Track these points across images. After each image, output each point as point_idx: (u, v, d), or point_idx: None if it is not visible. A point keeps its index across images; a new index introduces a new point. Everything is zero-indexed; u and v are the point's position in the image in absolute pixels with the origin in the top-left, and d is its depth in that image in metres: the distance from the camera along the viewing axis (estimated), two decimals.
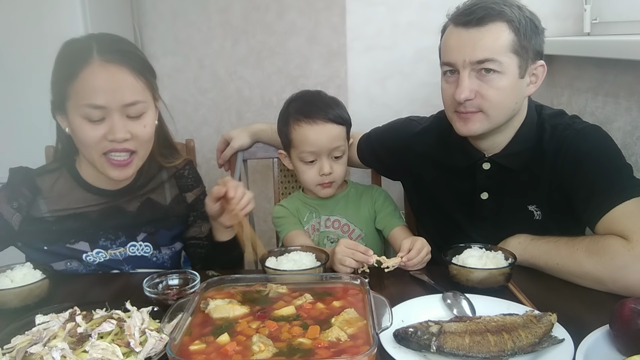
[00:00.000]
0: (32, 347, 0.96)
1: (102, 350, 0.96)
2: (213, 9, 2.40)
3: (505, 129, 1.42)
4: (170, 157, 1.53)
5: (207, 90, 2.48)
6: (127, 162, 1.32)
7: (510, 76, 1.33)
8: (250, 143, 1.92)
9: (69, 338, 0.99)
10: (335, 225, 1.67)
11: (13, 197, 1.38)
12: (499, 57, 1.31)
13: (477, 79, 1.33)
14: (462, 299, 1.14)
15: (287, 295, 1.09)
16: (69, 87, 1.27)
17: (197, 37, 2.43)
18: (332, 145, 1.57)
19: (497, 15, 1.31)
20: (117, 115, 1.27)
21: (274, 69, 2.44)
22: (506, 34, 1.31)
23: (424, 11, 2.31)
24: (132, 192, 1.47)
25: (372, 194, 1.71)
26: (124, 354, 0.96)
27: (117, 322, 1.02)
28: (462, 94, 1.33)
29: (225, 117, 2.50)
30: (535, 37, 1.34)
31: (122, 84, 1.27)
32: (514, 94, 1.35)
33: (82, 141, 1.30)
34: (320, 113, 1.57)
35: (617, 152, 1.35)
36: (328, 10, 2.36)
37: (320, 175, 1.59)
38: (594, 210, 1.28)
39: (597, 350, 0.93)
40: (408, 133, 1.65)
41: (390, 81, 2.39)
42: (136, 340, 0.99)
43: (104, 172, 1.33)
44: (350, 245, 1.34)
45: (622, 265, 1.16)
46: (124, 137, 1.28)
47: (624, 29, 1.92)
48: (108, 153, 1.30)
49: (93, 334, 0.99)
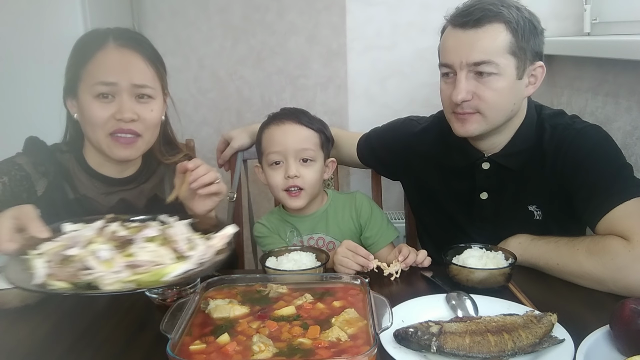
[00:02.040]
0: (69, 250, 0.90)
1: (150, 252, 0.91)
2: (213, 9, 2.40)
3: (505, 129, 1.42)
4: (167, 154, 1.54)
5: (207, 90, 2.48)
6: (132, 141, 1.35)
7: (507, 77, 1.33)
8: (250, 143, 1.92)
9: (111, 242, 0.93)
10: (320, 244, 1.59)
11: (38, 162, 1.38)
12: (495, 59, 1.31)
13: (474, 80, 1.33)
14: (466, 299, 1.13)
15: (288, 295, 1.09)
16: (82, 70, 1.32)
17: (197, 37, 2.43)
18: (299, 146, 1.51)
19: (494, 16, 1.31)
20: (126, 95, 1.32)
21: (274, 69, 2.43)
22: (503, 35, 1.31)
23: (424, 11, 2.31)
24: (135, 182, 1.47)
25: (355, 204, 1.61)
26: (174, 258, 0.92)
27: (162, 229, 0.97)
28: (459, 96, 1.33)
29: (225, 117, 2.50)
30: (533, 37, 1.34)
31: (134, 66, 1.34)
32: (512, 95, 1.35)
33: (90, 120, 1.33)
34: (290, 116, 1.55)
35: (618, 152, 1.35)
36: (328, 10, 2.36)
37: (285, 178, 1.50)
38: (594, 211, 1.28)
39: (598, 350, 0.93)
40: (408, 133, 1.65)
41: (390, 81, 2.39)
42: (184, 245, 0.94)
43: (109, 153, 1.35)
44: (352, 247, 1.34)
45: (622, 266, 1.16)
46: (131, 117, 1.31)
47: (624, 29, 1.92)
48: (114, 133, 1.33)
49: (137, 237, 0.94)
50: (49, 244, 0.96)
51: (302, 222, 1.61)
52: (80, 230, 1.01)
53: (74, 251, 0.91)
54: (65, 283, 0.87)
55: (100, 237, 0.96)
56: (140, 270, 0.88)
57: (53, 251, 0.93)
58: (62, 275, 0.86)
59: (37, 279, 0.87)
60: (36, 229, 1.00)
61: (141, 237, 0.95)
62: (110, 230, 0.98)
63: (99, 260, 0.88)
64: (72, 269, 0.87)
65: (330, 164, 1.62)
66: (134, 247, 0.92)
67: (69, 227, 1.03)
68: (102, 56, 1.32)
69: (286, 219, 1.63)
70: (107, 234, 0.97)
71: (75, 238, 0.95)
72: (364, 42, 2.38)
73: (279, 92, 2.45)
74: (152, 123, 1.37)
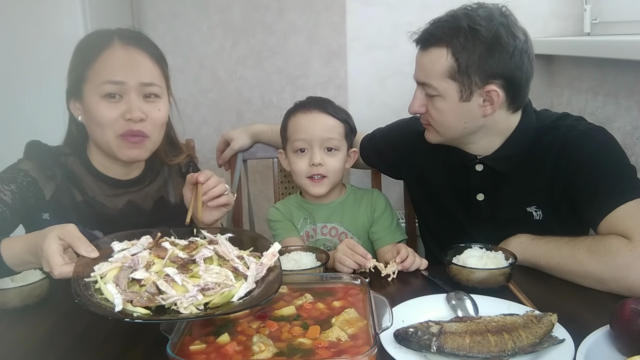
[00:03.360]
0: (135, 274, 0.91)
1: (216, 274, 0.93)
2: (213, 9, 2.40)
3: (490, 135, 1.43)
4: (170, 154, 1.54)
5: (207, 90, 2.48)
6: (142, 141, 1.34)
7: (449, 100, 1.36)
8: (250, 144, 1.92)
9: (172, 263, 0.95)
10: (332, 233, 1.63)
11: (44, 166, 1.37)
12: (433, 82, 1.36)
13: (427, 96, 1.40)
14: (466, 299, 1.13)
15: (288, 295, 1.09)
16: (88, 70, 1.31)
17: (197, 37, 2.43)
18: (324, 134, 1.54)
19: (437, 40, 1.34)
20: (134, 94, 1.30)
21: (274, 69, 2.44)
22: (443, 60, 1.33)
23: (424, 11, 2.29)
24: (140, 184, 1.47)
25: (372, 200, 1.65)
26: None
27: (213, 248, 1.00)
28: (411, 108, 1.44)
29: (225, 117, 2.50)
30: (489, 58, 1.30)
31: (141, 64, 1.33)
32: (458, 115, 1.38)
33: (98, 121, 1.31)
34: (317, 105, 1.58)
35: (621, 153, 1.35)
36: (328, 10, 2.36)
37: (310, 166, 1.54)
38: (597, 210, 1.27)
39: (598, 350, 0.92)
40: (414, 131, 1.64)
41: (390, 81, 2.39)
42: (240, 265, 0.96)
43: (119, 153, 1.34)
44: (351, 245, 1.35)
45: (623, 265, 1.16)
46: (140, 117, 1.30)
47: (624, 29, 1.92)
48: (124, 135, 1.31)
49: (198, 259, 0.96)
50: (106, 265, 0.95)
51: (319, 210, 1.64)
52: (130, 248, 1.01)
53: (140, 274, 0.92)
54: (142, 309, 0.87)
55: (158, 258, 0.96)
56: (210, 293, 0.90)
57: (113, 273, 0.92)
58: (138, 300, 0.87)
59: (117, 306, 0.86)
60: (85, 249, 0.97)
61: (200, 258, 0.96)
62: (171, 250, 0.99)
63: (171, 284, 0.90)
64: (146, 293, 0.88)
65: (352, 154, 1.64)
66: (197, 268, 0.94)
67: (117, 246, 1.01)
68: (108, 55, 1.31)
69: (303, 206, 1.66)
70: (170, 254, 0.97)
71: (135, 259, 0.95)
72: (364, 42, 2.38)
73: (279, 92, 2.45)
74: (159, 122, 1.36)
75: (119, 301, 0.86)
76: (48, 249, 0.96)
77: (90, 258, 0.96)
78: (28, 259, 1.06)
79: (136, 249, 1.01)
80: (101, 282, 0.91)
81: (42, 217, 1.37)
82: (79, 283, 0.90)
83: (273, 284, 0.94)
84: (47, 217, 1.37)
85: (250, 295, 0.93)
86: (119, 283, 0.90)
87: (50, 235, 0.98)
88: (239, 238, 1.10)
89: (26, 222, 1.36)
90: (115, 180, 1.43)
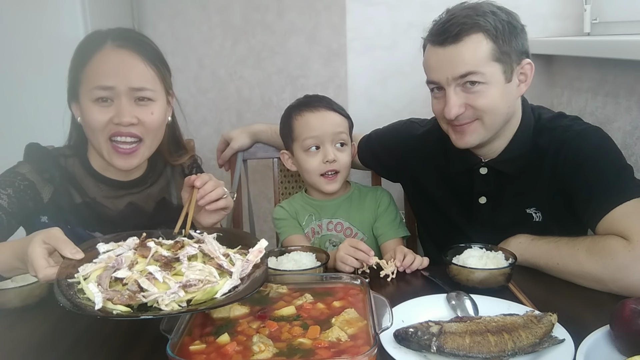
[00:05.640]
0: (118, 273, 0.92)
1: (199, 271, 0.93)
2: (213, 9, 2.40)
3: (501, 135, 1.42)
4: (175, 154, 1.53)
5: (207, 90, 2.48)
6: (133, 151, 1.33)
7: (496, 84, 1.33)
8: (250, 144, 1.92)
9: (155, 262, 0.96)
10: (338, 229, 1.65)
11: (43, 169, 1.37)
12: (480, 69, 1.31)
13: (464, 92, 1.34)
14: (466, 299, 1.13)
15: (288, 295, 1.09)
16: (81, 73, 1.31)
17: (197, 37, 2.43)
18: (335, 130, 1.56)
19: (471, 28, 1.31)
20: (124, 99, 1.30)
21: (274, 69, 2.43)
22: (484, 44, 1.31)
23: (424, 11, 2.30)
24: (142, 185, 1.47)
25: (377, 196, 1.67)
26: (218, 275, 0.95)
27: (198, 246, 1.00)
28: (452, 112, 1.34)
29: (225, 117, 2.50)
30: (515, 38, 1.33)
31: (131, 68, 1.31)
32: (505, 99, 1.35)
33: (90, 125, 1.31)
34: (322, 102, 1.60)
35: (618, 153, 1.35)
36: (328, 10, 2.36)
37: (324, 163, 1.55)
38: (595, 211, 1.27)
39: (598, 350, 0.93)
40: (409, 135, 1.65)
41: (390, 81, 2.39)
42: (225, 262, 0.96)
43: (109, 160, 1.34)
44: (354, 243, 1.35)
45: (622, 266, 1.16)
46: (130, 121, 1.29)
47: (624, 29, 1.92)
48: (113, 137, 1.31)
49: (181, 257, 0.96)
50: (90, 266, 0.95)
51: (325, 206, 1.65)
52: (116, 249, 1.01)
53: (123, 273, 0.92)
54: (123, 306, 0.87)
55: (142, 257, 0.97)
56: (193, 290, 0.90)
57: (97, 274, 0.93)
58: (119, 298, 0.87)
59: (97, 304, 0.86)
60: (69, 251, 0.98)
61: (184, 256, 0.97)
62: (154, 249, 0.99)
63: (153, 282, 0.90)
64: (127, 291, 0.89)
65: (352, 147, 1.66)
66: (181, 266, 0.94)
67: (102, 247, 1.02)
68: (99, 59, 1.30)
69: (309, 203, 1.67)
70: (153, 252, 0.98)
71: (119, 259, 0.96)
72: (364, 42, 2.38)
73: (279, 92, 2.45)
74: (152, 126, 1.35)
75: (99, 299, 0.87)
76: (32, 252, 0.97)
77: (76, 260, 0.97)
78: (16, 264, 1.06)
79: (121, 249, 1.01)
80: (83, 283, 0.91)
81: (41, 220, 1.37)
82: (61, 284, 0.91)
83: (259, 279, 0.94)
84: (45, 220, 1.38)
85: (235, 291, 0.93)
86: (101, 282, 0.90)
87: (34, 240, 0.99)
88: (227, 237, 1.10)
89: (26, 225, 1.36)
90: (115, 181, 1.43)
